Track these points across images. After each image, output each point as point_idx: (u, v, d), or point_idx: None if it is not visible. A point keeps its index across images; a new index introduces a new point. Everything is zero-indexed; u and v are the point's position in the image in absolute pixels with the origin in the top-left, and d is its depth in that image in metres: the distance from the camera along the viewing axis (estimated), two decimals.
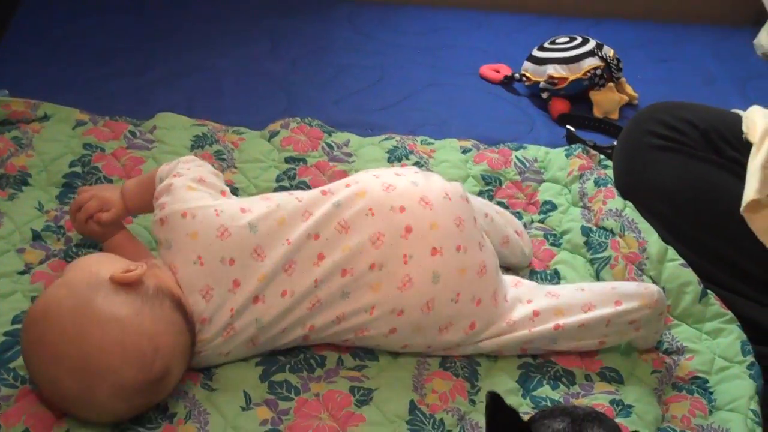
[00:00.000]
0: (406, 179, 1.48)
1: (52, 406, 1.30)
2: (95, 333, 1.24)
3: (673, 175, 1.72)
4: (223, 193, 1.49)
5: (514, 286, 1.52)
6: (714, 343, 1.55)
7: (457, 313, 1.42)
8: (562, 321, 1.46)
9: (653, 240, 1.67)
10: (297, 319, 1.39)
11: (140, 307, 1.28)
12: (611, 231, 1.70)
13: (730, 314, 1.58)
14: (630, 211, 1.73)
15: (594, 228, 1.72)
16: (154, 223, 1.42)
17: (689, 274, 1.61)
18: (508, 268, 1.65)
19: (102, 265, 1.33)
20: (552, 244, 1.75)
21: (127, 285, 1.29)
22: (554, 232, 1.78)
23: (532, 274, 1.67)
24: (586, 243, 1.71)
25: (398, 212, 1.42)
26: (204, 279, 1.35)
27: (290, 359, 1.44)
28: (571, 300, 1.48)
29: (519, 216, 1.80)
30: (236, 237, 1.38)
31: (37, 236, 1.62)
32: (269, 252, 1.38)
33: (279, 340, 1.41)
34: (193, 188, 1.44)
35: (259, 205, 1.44)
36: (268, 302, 1.38)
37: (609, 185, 1.79)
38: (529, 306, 1.47)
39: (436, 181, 1.51)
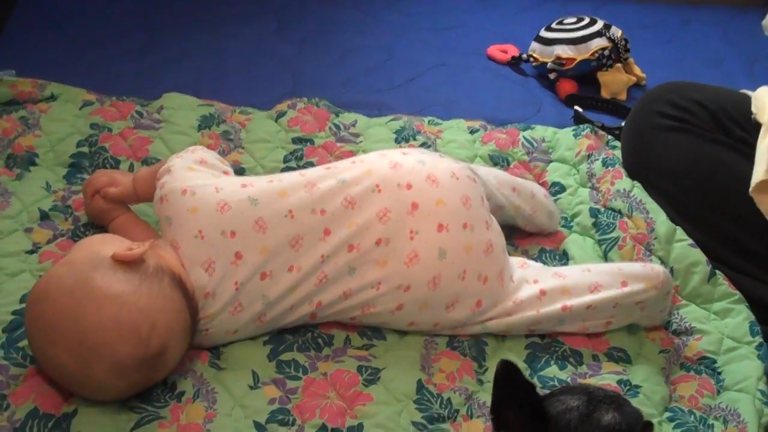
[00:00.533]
0: (412, 158, 1.49)
1: (59, 385, 1.31)
2: (91, 309, 1.24)
3: (682, 156, 1.71)
4: (226, 173, 1.50)
5: (521, 267, 1.52)
6: (722, 323, 1.55)
7: (464, 290, 1.43)
8: (569, 302, 1.46)
9: (661, 220, 1.66)
10: (304, 295, 1.40)
11: (138, 284, 1.28)
12: (619, 212, 1.70)
13: (738, 294, 1.58)
14: (638, 191, 1.72)
15: (602, 209, 1.72)
16: (155, 203, 1.43)
17: (698, 254, 1.61)
18: (531, 234, 1.70)
19: (106, 244, 1.33)
20: (563, 227, 1.75)
21: (127, 263, 1.29)
22: (565, 215, 1.77)
23: (542, 253, 1.68)
24: (595, 224, 1.70)
25: (405, 189, 1.42)
26: (206, 252, 1.36)
27: (298, 338, 1.44)
28: (578, 281, 1.48)
29: None
30: (236, 210, 1.38)
31: (44, 216, 1.62)
32: (271, 224, 1.39)
33: (286, 317, 1.41)
34: (193, 169, 1.46)
35: (260, 180, 1.45)
36: (275, 278, 1.38)
37: (617, 165, 1.79)
38: (536, 286, 1.47)
39: (444, 161, 1.51)
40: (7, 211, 1.62)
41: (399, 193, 1.42)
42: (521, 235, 1.72)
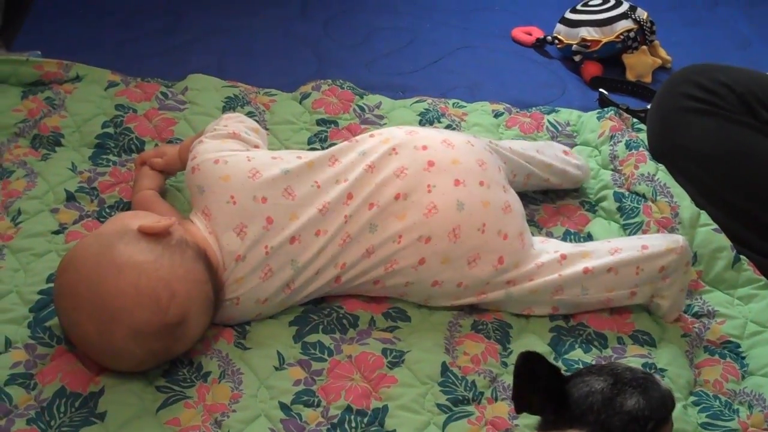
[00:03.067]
0: (429, 128, 1.56)
1: (87, 361, 1.32)
2: (112, 275, 1.27)
3: (709, 139, 1.70)
4: (256, 146, 1.53)
5: (541, 242, 1.53)
6: (746, 308, 1.55)
7: (484, 244, 1.44)
8: (590, 264, 1.46)
9: (686, 205, 1.65)
10: (330, 257, 1.42)
11: (160, 254, 1.30)
12: (643, 196, 1.69)
13: (764, 280, 1.57)
14: (662, 175, 1.71)
15: (626, 193, 1.71)
16: (187, 173, 1.46)
17: (722, 239, 1.60)
18: (554, 215, 1.72)
19: (136, 218, 1.36)
20: (588, 210, 1.74)
21: (152, 235, 1.32)
22: (589, 199, 1.77)
23: (566, 235, 1.67)
24: (619, 209, 1.70)
25: (421, 150, 1.47)
26: (238, 217, 1.38)
27: (323, 319, 1.45)
28: (598, 246, 1.51)
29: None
30: (267, 177, 1.42)
31: (70, 197, 1.63)
32: (299, 191, 1.42)
33: (313, 282, 1.43)
34: (225, 141, 1.49)
35: (289, 154, 1.49)
36: (304, 242, 1.40)
37: (641, 148, 1.77)
38: (557, 253, 1.48)
39: (460, 132, 1.56)
40: (34, 191, 1.63)
41: (415, 153, 1.46)
42: (545, 216, 1.72)
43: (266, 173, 1.42)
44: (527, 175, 1.65)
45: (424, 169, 1.44)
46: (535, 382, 1.12)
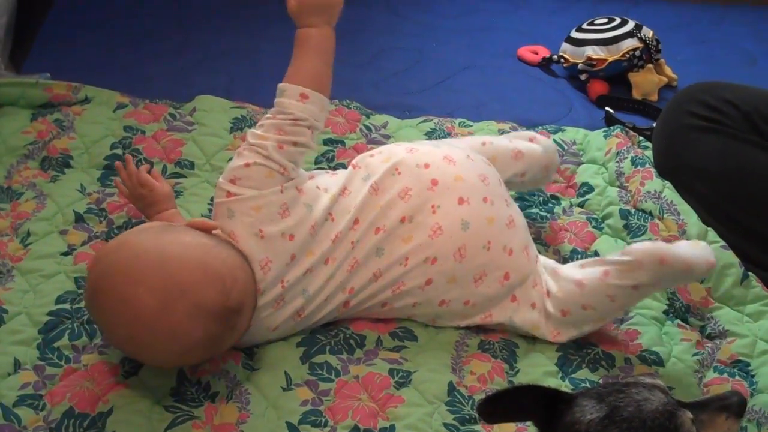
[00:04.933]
0: (428, 144, 1.55)
1: (98, 378, 1.33)
2: (177, 253, 1.28)
3: (715, 157, 1.70)
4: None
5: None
6: (756, 325, 1.54)
7: (490, 261, 1.44)
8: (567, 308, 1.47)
9: (692, 222, 1.65)
10: (338, 283, 1.42)
11: (216, 242, 1.32)
12: (650, 213, 1.69)
13: None
14: (669, 192, 1.71)
15: (633, 210, 1.72)
16: (218, 191, 1.40)
17: (730, 256, 1.60)
18: (560, 231, 1.71)
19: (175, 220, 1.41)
20: (594, 227, 1.74)
21: (202, 228, 1.34)
22: (595, 216, 1.77)
23: (573, 253, 1.67)
24: (626, 226, 1.70)
25: (423, 168, 1.46)
26: (264, 251, 1.37)
27: (330, 339, 1.45)
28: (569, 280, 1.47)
29: (557, 200, 1.80)
30: (295, 215, 1.39)
31: (79, 218, 1.64)
32: (318, 227, 1.41)
33: (323, 309, 1.43)
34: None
35: (311, 187, 1.44)
36: (315, 272, 1.40)
37: (647, 165, 1.78)
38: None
39: (457, 148, 1.54)
40: (43, 213, 1.64)
41: (418, 171, 1.46)
42: (551, 234, 1.72)
43: (294, 211, 1.39)
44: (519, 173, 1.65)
45: (428, 189, 1.44)
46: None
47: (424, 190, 1.44)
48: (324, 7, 1.48)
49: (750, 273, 1.58)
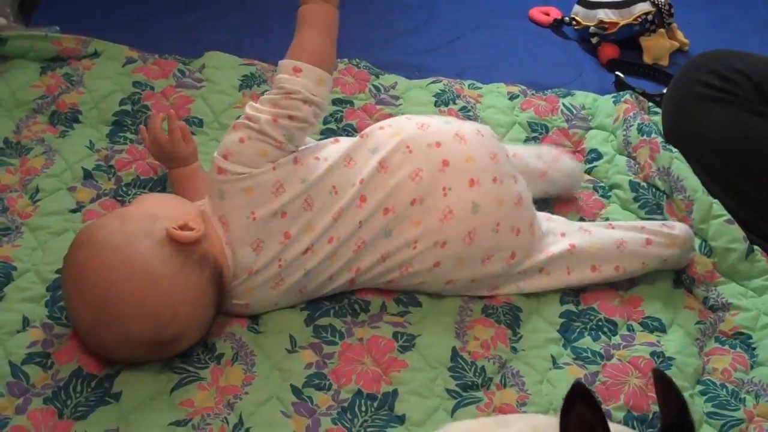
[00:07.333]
0: (438, 119, 1.53)
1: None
2: (120, 279, 1.26)
3: (724, 128, 1.69)
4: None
5: (547, 220, 1.55)
6: (760, 300, 1.54)
7: (498, 243, 1.45)
8: (597, 263, 1.52)
9: (698, 197, 1.63)
10: (344, 263, 1.41)
11: (179, 269, 1.29)
12: (663, 192, 1.69)
13: None
14: (677, 165, 1.69)
15: (642, 183, 1.71)
16: (212, 171, 1.38)
17: (735, 231, 1.59)
18: (569, 201, 1.72)
19: (165, 209, 1.35)
20: (601, 196, 1.74)
21: (178, 243, 1.30)
22: (602, 184, 1.76)
23: (582, 222, 1.66)
24: (636, 199, 1.70)
25: (434, 147, 1.44)
26: (256, 233, 1.36)
27: (335, 304, 1.46)
28: (604, 237, 1.53)
29: None
30: (289, 191, 1.37)
31: (88, 175, 1.65)
32: (318, 201, 1.39)
33: (327, 286, 1.43)
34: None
35: (309, 158, 1.42)
36: (316, 251, 1.39)
37: (653, 134, 1.76)
38: (565, 240, 1.51)
39: (468, 122, 1.55)
40: (52, 169, 1.65)
41: (429, 151, 1.44)
42: (559, 203, 1.71)
43: (289, 187, 1.37)
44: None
45: (439, 171, 1.42)
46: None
47: (436, 172, 1.42)
48: None
49: (755, 247, 1.59)
